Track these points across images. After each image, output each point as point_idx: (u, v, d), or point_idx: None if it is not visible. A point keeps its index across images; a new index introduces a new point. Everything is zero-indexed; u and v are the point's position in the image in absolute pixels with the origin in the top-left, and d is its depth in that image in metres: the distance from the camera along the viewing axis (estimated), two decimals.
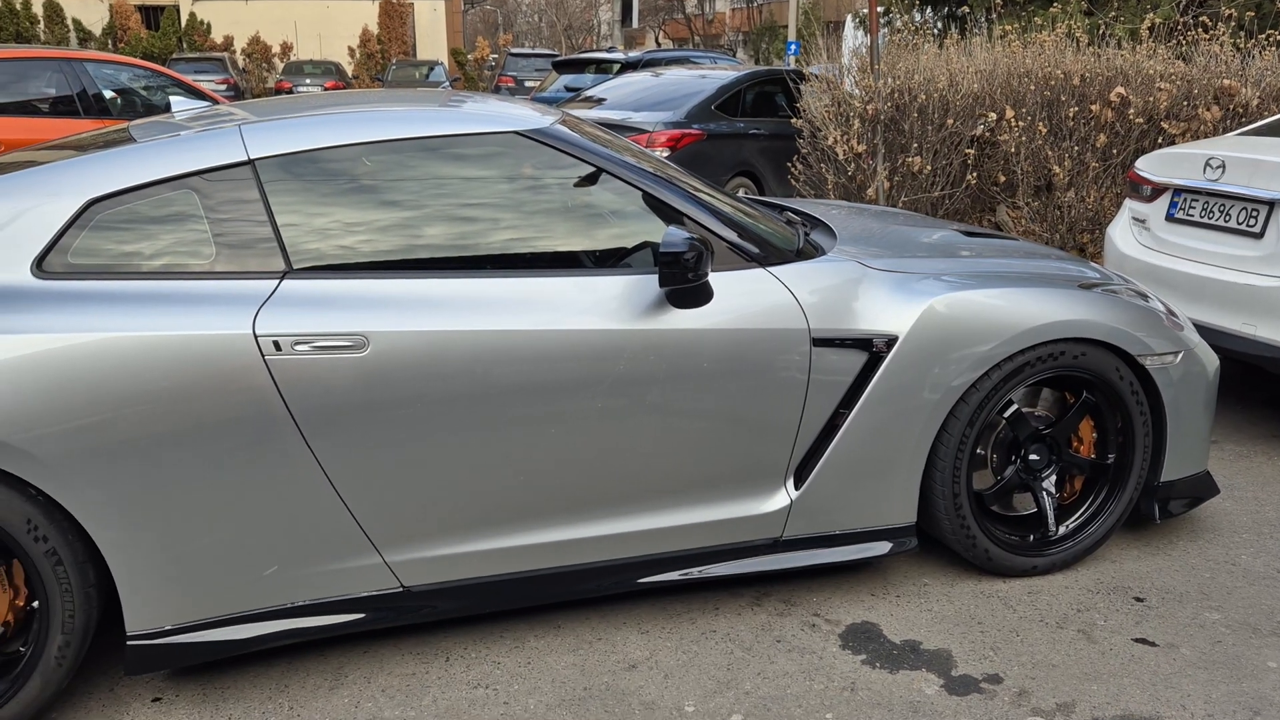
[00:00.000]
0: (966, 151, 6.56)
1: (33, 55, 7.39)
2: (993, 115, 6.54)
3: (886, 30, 9.93)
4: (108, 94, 7.50)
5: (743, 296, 2.56)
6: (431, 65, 25.11)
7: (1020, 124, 6.43)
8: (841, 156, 6.55)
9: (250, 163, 2.37)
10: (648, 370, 2.47)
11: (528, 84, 18.84)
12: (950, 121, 6.47)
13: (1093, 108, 6.39)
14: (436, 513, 2.42)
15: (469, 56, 32.74)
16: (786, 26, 27.05)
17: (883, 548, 2.79)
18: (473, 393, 2.36)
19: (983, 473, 2.94)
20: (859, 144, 6.48)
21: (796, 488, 2.69)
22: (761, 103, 8.35)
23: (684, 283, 2.40)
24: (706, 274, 2.42)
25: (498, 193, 2.54)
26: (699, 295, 2.46)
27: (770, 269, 2.63)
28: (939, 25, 13.60)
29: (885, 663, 2.54)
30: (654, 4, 44.84)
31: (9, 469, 2.08)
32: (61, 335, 2.12)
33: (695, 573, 2.66)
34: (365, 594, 2.43)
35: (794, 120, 7.25)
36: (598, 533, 2.55)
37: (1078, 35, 6.92)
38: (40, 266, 2.20)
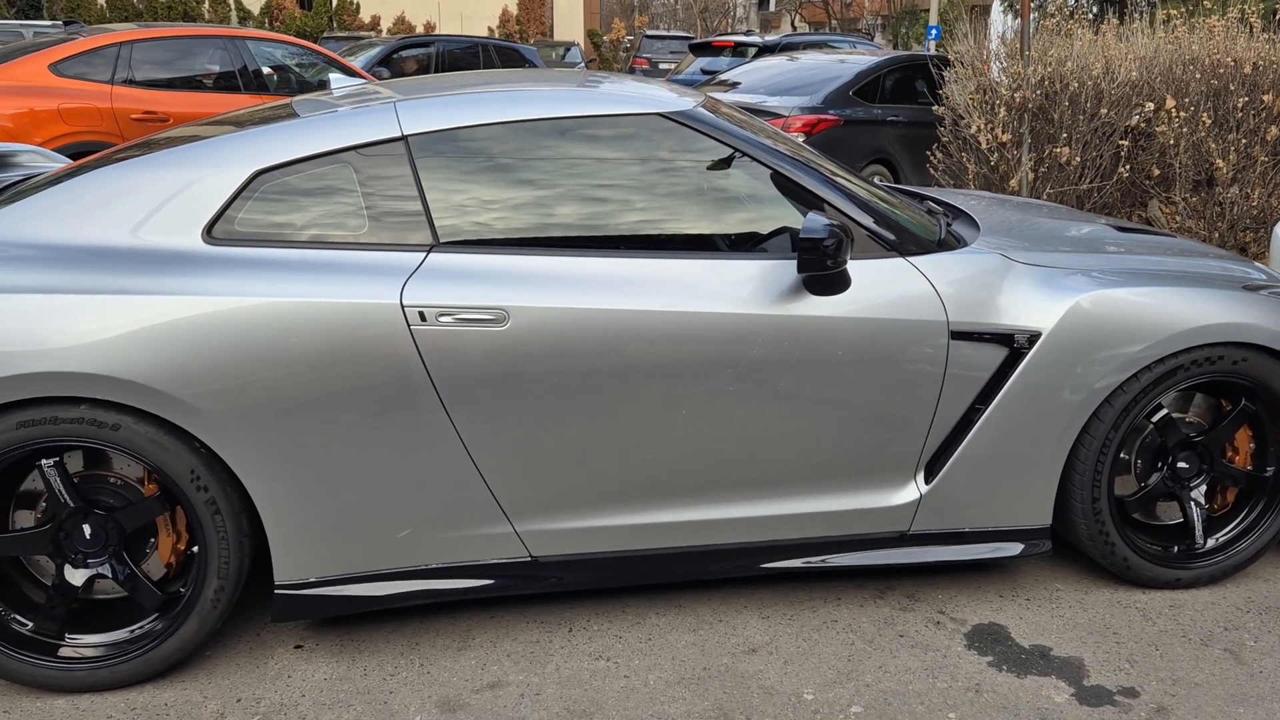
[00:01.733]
0: (1120, 143, 6.25)
1: (199, 34, 7.81)
2: (1150, 105, 6.21)
3: (1038, 15, 9.53)
4: (265, 70, 7.87)
5: (881, 286, 2.52)
6: (567, 46, 25.46)
7: (1182, 115, 6.08)
8: (984, 146, 6.34)
9: (403, 139, 2.46)
10: (781, 356, 2.45)
11: (663, 66, 18.86)
12: (1104, 111, 6.16)
13: (1265, 98, 5.99)
14: (566, 486, 2.47)
15: (604, 38, 33.00)
16: (928, 10, 26.22)
17: (1014, 549, 2.71)
18: (606, 370, 2.39)
19: (1125, 478, 2.82)
20: (1004, 133, 6.25)
21: (927, 482, 2.63)
22: (901, 89, 8.14)
23: (822, 269, 2.38)
24: (846, 261, 2.39)
25: (638, 173, 2.56)
26: (837, 283, 2.43)
27: (910, 259, 2.58)
28: (1094, 10, 12.95)
29: (1013, 666, 2.48)
30: None
31: (178, 422, 2.23)
32: (227, 299, 2.25)
33: (819, 561, 2.64)
34: (494, 561, 2.51)
35: (935, 108, 7.04)
36: (723, 515, 2.56)
37: (1251, 21, 6.49)
38: (210, 233, 2.34)
